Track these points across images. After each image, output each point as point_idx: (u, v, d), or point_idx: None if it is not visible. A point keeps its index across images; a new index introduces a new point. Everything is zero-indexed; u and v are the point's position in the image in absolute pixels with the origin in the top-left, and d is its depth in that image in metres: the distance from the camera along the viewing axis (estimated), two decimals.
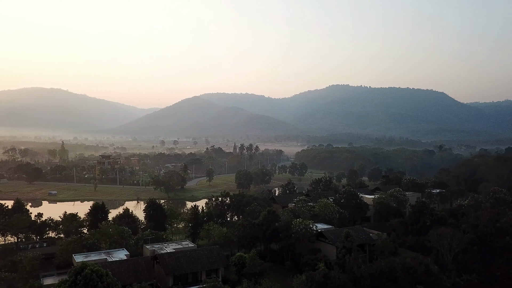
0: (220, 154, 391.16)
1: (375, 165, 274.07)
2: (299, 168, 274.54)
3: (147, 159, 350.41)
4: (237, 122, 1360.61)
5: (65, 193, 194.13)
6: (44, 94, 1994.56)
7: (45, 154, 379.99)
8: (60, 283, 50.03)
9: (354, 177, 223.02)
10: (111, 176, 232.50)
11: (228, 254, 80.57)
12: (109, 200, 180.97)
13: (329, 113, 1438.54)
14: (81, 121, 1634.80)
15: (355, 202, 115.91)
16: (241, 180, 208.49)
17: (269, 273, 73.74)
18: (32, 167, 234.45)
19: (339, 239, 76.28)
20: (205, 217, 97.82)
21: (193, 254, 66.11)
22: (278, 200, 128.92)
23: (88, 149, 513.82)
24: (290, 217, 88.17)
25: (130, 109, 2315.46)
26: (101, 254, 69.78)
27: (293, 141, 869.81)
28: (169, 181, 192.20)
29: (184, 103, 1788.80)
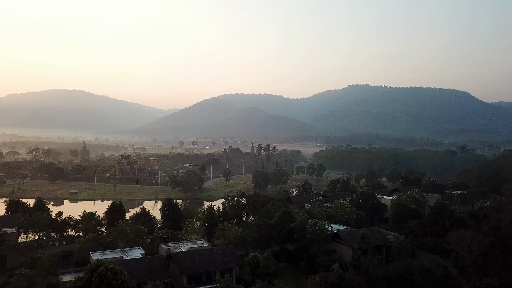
0: (238, 154, 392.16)
1: (394, 166, 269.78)
2: (317, 169, 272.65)
3: (166, 159, 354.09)
4: (255, 123, 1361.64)
5: (86, 193, 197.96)
6: (67, 95, 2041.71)
7: (67, 154, 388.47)
8: (76, 280, 50.86)
9: (372, 178, 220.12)
10: (130, 176, 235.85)
11: (243, 254, 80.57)
12: (128, 200, 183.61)
13: (349, 114, 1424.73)
14: (103, 122, 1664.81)
15: (373, 203, 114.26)
16: (258, 181, 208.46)
17: (284, 274, 73.41)
18: (54, 167, 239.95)
19: (354, 240, 75.27)
20: (221, 217, 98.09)
21: (207, 254, 66.36)
22: (294, 201, 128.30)
23: (108, 150, 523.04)
24: (306, 218, 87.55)
25: (150, 110, 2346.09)
26: (118, 252, 70.75)
27: (312, 142, 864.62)
28: (186, 181, 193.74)
29: (203, 104, 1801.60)
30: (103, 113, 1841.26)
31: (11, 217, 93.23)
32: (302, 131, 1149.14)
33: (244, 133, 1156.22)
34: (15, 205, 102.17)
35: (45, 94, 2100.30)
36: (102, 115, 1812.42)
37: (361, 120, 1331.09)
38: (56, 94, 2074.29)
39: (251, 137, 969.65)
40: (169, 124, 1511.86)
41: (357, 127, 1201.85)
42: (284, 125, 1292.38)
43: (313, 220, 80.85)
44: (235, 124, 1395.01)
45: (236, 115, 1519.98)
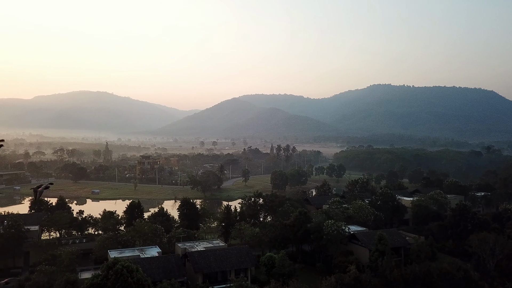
0: (257, 155, 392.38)
1: (416, 166, 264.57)
2: (336, 170, 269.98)
3: (186, 160, 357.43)
4: (276, 123, 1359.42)
5: (107, 192, 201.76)
6: (91, 97, 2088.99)
7: (91, 154, 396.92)
8: (93, 277, 51.87)
9: (393, 179, 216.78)
10: (151, 176, 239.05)
11: (260, 254, 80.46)
12: (148, 199, 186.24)
13: (370, 114, 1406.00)
14: (125, 123, 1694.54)
15: (392, 204, 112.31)
16: (276, 181, 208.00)
17: (300, 275, 72.98)
18: (77, 166, 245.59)
19: (372, 242, 74.18)
20: (238, 217, 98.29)
21: (222, 253, 66.57)
22: (312, 201, 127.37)
23: (130, 150, 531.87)
24: (323, 219, 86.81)
25: (171, 111, 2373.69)
26: (135, 250, 71.83)
27: (333, 142, 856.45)
28: (206, 181, 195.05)
29: (223, 105, 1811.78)
30: (126, 114, 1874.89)
31: (34, 215, 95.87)
32: (323, 131, 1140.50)
33: (264, 133, 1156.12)
34: (38, 203, 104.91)
35: (70, 95, 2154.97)
36: (125, 116, 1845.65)
37: (383, 120, 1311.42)
38: (81, 95, 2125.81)
39: (271, 137, 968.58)
40: (190, 124, 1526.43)
41: (379, 127, 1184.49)
42: (304, 125, 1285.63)
43: (329, 221, 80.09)
44: (255, 124, 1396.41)
45: (256, 116, 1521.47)
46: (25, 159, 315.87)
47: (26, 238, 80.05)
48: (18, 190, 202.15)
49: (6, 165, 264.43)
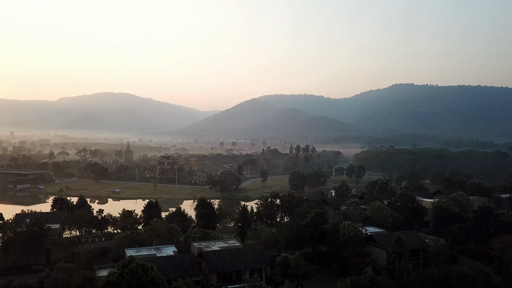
0: (276, 155, 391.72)
1: (439, 167, 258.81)
2: (356, 170, 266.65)
3: (206, 160, 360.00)
4: (295, 124, 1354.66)
5: (128, 192, 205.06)
6: (113, 98, 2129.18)
7: (113, 154, 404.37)
8: (109, 274, 52.72)
9: (414, 180, 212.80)
10: (170, 175, 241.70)
11: (276, 254, 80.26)
12: (167, 199, 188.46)
13: (392, 114, 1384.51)
14: (147, 123, 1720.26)
15: (412, 205, 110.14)
16: (294, 182, 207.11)
17: (316, 276, 72.34)
18: (99, 166, 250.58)
19: (389, 244, 72.85)
20: (254, 217, 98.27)
21: (237, 253, 66.66)
22: (330, 202, 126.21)
23: (151, 150, 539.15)
24: (340, 220, 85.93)
25: (192, 111, 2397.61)
26: (151, 249, 72.67)
27: (353, 143, 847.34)
28: (224, 181, 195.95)
29: (243, 105, 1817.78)
30: (147, 115, 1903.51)
31: (55, 214, 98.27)
32: (343, 132, 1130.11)
33: (283, 134, 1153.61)
34: (60, 202, 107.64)
35: (94, 97, 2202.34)
36: (146, 116, 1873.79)
37: (405, 120, 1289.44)
38: (104, 97, 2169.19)
39: (290, 138, 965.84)
40: (210, 125, 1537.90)
41: (401, 127, 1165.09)
42: (324, 125, 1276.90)
43: (346, 222, 79.18)
44: (274, 125, 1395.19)
45: (275, 116, 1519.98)
46: (49, 159, 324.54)
47: (47, 236, 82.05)
48: (42, 189, 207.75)
49: (31, 165, 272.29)
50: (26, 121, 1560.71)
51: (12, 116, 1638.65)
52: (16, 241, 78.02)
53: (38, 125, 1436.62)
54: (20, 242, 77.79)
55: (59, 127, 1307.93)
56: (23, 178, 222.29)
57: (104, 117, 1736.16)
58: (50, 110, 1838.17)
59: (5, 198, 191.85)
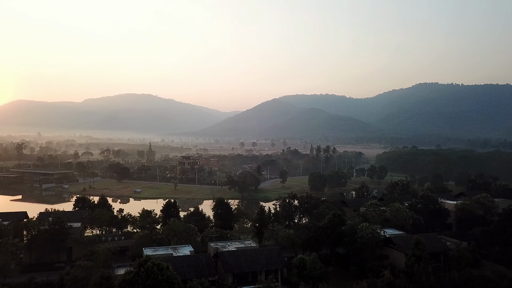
0: (296, 156, 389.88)
1: (463, 169, 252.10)
2: (378, 171, 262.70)
3: (226, 160, 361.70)
4: (317, 124, 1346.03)
5: (148, 191, 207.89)
6: (136, 99, 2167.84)
7: (135, 155, 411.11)
8: (126, 273, 53.47)
9: (438, 182, 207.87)
10: (191, 176, 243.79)
11: (293, 255, 79.82)
12: (187, 199, 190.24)
13: (416, 114, 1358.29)
14: (169, 124, 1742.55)
15: (434, 207, 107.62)
16: (314, 182, 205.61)
17: (333, 278, 71.57)
18: (121, 166, 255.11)
19: (408, 246, 71.32)
20: (272, 218, 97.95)
21: (253, 254, 66.53)
22: (349, 204, 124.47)
23: (173, 151, 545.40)
24: (358, 221, 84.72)
25: (213, 112, 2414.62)
26: (168, 249, 73.34)
27: (376, 143, 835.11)
28: (243, 181, 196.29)
29: (264, 106, 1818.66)
30: (169, 116, 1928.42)
31: (77, 213, 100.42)
32: (366, 132, 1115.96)
33: (304, 134, 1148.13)
34: (81, 201, 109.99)
35: (117, 98, 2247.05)
36: (169, 117, 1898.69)
37: (429, 120, 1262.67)
38: (127, 98, 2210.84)
39: (311, 138, 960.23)
40: (231, 126, 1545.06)
41: (425, 128, 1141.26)
42: (346, 126, 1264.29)
43: (364, 224, 77.94)
44: (295, 125, 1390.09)
45: (296, 116, 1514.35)
46: (74, 159, 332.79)
47: (68, 234, 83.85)
48: (66, 188, 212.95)
49: (56, 165, 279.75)
50: (53, 122, 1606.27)
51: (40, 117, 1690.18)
52: (39, 239, 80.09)
53: (64, 126, 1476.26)
54: (43, 240, 79.80)
55: (84, 128, 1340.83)
56: (48, 177, 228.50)
57: (127, 118, 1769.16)
58: (76, 111, 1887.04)
59: (32, 197, 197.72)
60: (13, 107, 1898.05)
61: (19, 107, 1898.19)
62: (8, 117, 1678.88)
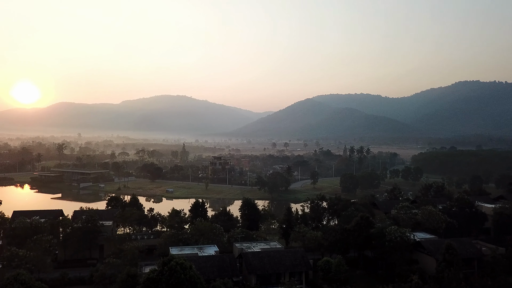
0: (329, 156, 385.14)
1: (505, 170, 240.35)
2: (413, 173, 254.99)
3: (257, 161, 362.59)
4: (351, 124, 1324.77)
5: (180, 191, 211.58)
6: (171, 100, 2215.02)
7: (169, 155, 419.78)
8: (150, 272, 54.54)
9: (477, 184, 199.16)
10: (222, 176, 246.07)
11: (320, 258, 78.83)
12: (218, 199, 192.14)
13: (455, 113, 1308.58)
14: (203, 125, 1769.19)
15: (470, 211, 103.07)
16: (346, 184, 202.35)
17: (360, 281, 70.31)
18: (155, 166, 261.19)
19: (439, 251, 68.64)
20: (299, 220, 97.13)
21: (277, 255, 66.15)
22: (380, 206, 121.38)
23: (206, 151, 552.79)
24: (388, 224, 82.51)
25: (246, 113, 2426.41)
26: (194, 248, 74.14)
27: (412, 144, 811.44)
28: (273, 182, 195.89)
29: (297, 106, 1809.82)
30: (203, 117, 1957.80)
31: (109, 211, 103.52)
32: (402, 132, 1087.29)
33: (338, 134, 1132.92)
34: (114, 200, 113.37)
35: (153, 100, 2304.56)
36: (202, 118, 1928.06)
37: (470, 120, 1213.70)
38: (163, 99, 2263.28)
39: (346, 138, 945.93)
40: (263, 126, 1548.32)
41: (465, 127, 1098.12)
42: (382, 126, 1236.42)
43: (393, 227, 75.81)
44: (329, 125, 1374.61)
45: (330, 116, 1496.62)
46: (111, 159, 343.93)
47: (100, 232, 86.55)
48: (102, 187, 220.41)
49: (94, 165, 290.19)
50: (93, 123, 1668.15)
51: (80, 119, 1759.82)
52: (72, 236, 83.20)
53: (103, 127, 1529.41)
54: (76, 237, 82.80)
55: (121, 129, 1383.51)
56: (86, 177, 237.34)
57: (163, 119, 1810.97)
58: (114, 113, 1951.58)
59: (70, 195, 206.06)
60: (55, 109, 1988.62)
61: (61, 109, 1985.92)
62: (51, 118, 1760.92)
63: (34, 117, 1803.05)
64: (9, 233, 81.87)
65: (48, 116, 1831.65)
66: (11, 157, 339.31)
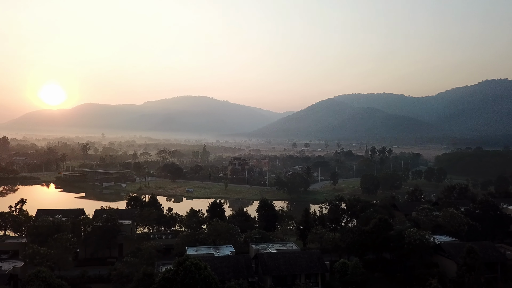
0: (350, 157, 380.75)
1: None
2: (436, 174, 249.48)
3: (277, 161, 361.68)
4: (373, 124, 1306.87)
5: (200, 191, 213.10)
6: (193, 101, 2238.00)
7: (190, 155, 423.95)
8: (165, 271, 55.04)
9: (503, 185, 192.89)
10: (241, 176, 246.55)
11: (337, 260, 77.99)
12: (237, 199, 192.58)
13: (482, 112, 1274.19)
14: (223, 125, 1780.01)
15: (494, 214, 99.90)
16: (366, 185, 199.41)
17: (377, 284, 69.28)
18: (175, 166, 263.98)
19: (460, 255, 66.78)
20: (317, 221, 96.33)
21: (292, 257, 65.73)
22: (400, 207, 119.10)
23: (226, 151, 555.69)
24: (408, 226, 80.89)
25: (267, 113, 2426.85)
26: (210, 249, 74.48)
27: (437, 144, 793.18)
28: (292, 182, 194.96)
29: (317, 105, 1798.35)
30: (224, 117, 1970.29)
31: (129, 211, 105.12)
32: (426, 132, 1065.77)
33: (360, 134, 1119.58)
34: (134, 200, 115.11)
35: (175, 100, 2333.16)
36: (223, 118, 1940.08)
37: (497, 119, 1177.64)
38: (184, 100, 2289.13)
39: (367, 139, 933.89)
40: (284, 126, 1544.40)
41: (492, 127, 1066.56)
42: (405, 126, 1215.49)
43: (412, 229, 74.25)
44: (351, 125, 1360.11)
45: (352, 116, 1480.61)
46: (133, 159, 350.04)
47: (119, 231, 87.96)
48: (124, 187, 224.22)
49: (116, 165, 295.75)
50: (116, 124, 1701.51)
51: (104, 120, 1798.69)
52: (92, 235, 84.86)
53: (126, 127, 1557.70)
54: (96, 236, 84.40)
55: (143, 129, 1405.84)
56: (108, 176, 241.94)
57: (184, 119, 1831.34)
58: (137, 114, 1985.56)
59: (93, 195, 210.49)
60: (80, 110, 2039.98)
61: (86, 110, 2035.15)
62: (77, 119, 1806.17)
63: (61, 117, 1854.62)
64: (32, 231, 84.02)
65: (74, 116, 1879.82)
66: (37, 157, 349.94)
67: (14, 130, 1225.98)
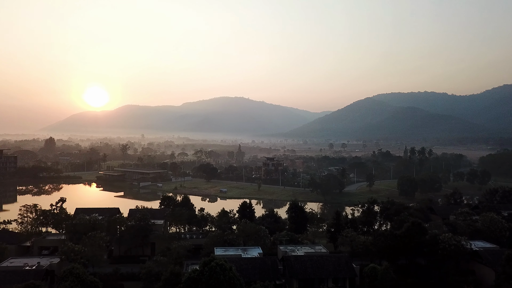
0: (388, 158, 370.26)
1: None
2: (479, 175, 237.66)
3: (312, 162, 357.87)
4: (414, 124, 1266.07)
5: (234, 191, 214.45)
6: (229, 102, 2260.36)
7: (225, 155, 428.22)
8: (191, 271, 55.73)
9: None
10: (275, 177, 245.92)
11: (368, 264, 76.02)
12: (269, 200, 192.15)
13: None
14: (259, 126, 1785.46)
15: None
16: (404, 187, 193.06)
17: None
18: (210, 167, 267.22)
19: (499, 262, 63.24)
20: (348, 223, 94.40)
21: (320, 260, 64.68)
22: (437, 211, 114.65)
23: (261, 152, 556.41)
24: (444, 231, 77.60)
25: (303, 113, 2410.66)
26: (238, 250, 74.69)
27: (482, 144, 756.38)
28: (326, 184, 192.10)
29: (355, 105, 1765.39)
30: (260, 117, 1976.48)
31: (161, 211, 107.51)
32: (470, 132, 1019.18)
33: (400, 134, 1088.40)
34: (167, 200, 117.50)
35: (212, 101, 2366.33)
36: (259, 119, 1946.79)
37: None
38: (221, 101, 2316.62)
39: (408, 139, 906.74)
40: (320, 126, 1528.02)
41: None
42: (447, 125, 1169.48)
43: (447, 234, 71.14)
44: (390, 125, 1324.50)
45: (391, 116, 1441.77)
46: (170, 159, 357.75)
47: (152, 231, 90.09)
48: (160, 187, 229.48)
49: (153, 165, 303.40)
50: (155, 125, 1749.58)
51: (143, 121, 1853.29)
52: (126, 234, 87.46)
53: (165, 128, 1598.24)
54: (129, 234, 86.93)
55: (181, 130, 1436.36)
56: (145, 176, 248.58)
57: (221, 120, 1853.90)
58: (175, 115, 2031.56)
59: (131, 194, 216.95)
60: (122, 111, 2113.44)
61: (127, 111, 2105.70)
62: (118, 120, 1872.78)
63: (104, 119, 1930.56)
64: (70, 229, 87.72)
65: (116, 118, 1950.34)
66: (80, 157, 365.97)
67: (60, 131, 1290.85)
